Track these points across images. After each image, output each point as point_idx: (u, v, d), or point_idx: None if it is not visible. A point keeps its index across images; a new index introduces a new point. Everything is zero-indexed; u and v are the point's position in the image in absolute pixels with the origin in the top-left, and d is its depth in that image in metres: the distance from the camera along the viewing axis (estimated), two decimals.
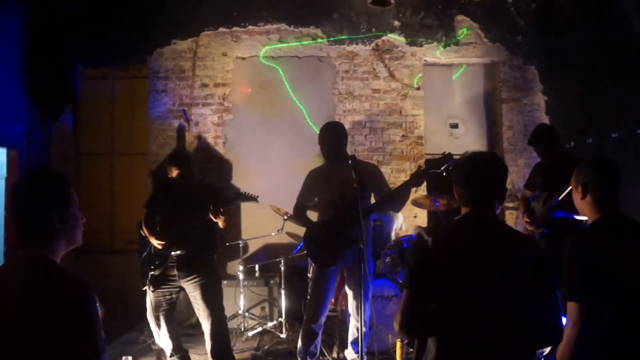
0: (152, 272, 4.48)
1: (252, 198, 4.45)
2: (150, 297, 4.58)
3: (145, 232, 4.59)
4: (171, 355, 4.71)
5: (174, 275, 4.48)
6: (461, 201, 2.24)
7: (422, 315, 2.09)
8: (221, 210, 4.25)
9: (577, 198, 2.55)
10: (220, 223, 4.32)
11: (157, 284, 4.51)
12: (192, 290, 4.47)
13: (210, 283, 4.47)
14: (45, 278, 1.86)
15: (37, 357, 1.83)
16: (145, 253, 4.66)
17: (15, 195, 2.02)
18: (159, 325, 4.61)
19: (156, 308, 4.57)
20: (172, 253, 4.44)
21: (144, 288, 4.59)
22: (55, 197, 2.03)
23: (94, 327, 1.87)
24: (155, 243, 4.48)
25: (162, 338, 4.66)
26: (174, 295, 4.61)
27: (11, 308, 1.83)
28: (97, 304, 1.96)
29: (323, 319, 4.55)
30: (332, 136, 4.50)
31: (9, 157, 6.20)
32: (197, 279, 4.43)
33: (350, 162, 4.00)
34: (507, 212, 7.12)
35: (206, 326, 4.47)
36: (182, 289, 4.57)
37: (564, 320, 2.27)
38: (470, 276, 2.05)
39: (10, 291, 1.85)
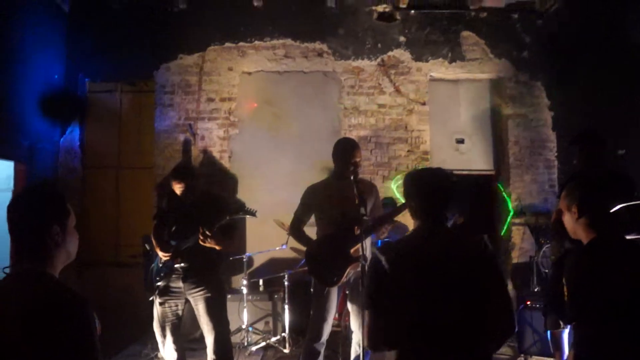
0: (158, 284, 4.48)
1: (250, 213, 4.42)
2: (156, 308, 4.58)
3: (153, 243, 4.60)
4: None
5: (180, 287, 4.47)
6: (411, 215, 2.37)
7: (386, 330, 2.20)
8: (207, 234, 4.25)
9: (569, 219, 2.50)
10: (211, 245, 4.31)
11: (163, 295, 4.51)
12: (197, 303, 4.45)
13: (215, 296, 4.44)
14: (45, 295, 1.84)
15: None
16: (153, 264, 4.66)
17: (15, 209, 2.02)
18: (164, 336, 4.59)
19: (162, 319, 4.57)
20: (176, 265, 4.44)
21: (150, 299, 4.59)
22: (56, 212, 2.03)
23: (92, 344, 1.86)
24: (161, 255, 4.49)
25: (166, 349, 4.64)
26: (180, 307, 4.60)
27: (10, 324, 1.82)
28: (96, 321, 1.95)
29: (325, 337, 4.48)
30: (345, 151, 4.42)
31: (16, 171, 6.24)
32: (202, 292, 4.41)
33: (352, 178, 3.99)
34: (513, 227, 7.07)
35: (209, 340, 4.44)
36: (187, 301, 4.56)
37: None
38: (422, 287, 2.17)
39: (9, 307, 1.84)
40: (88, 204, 7.34)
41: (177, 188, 4.44)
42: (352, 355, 4.69)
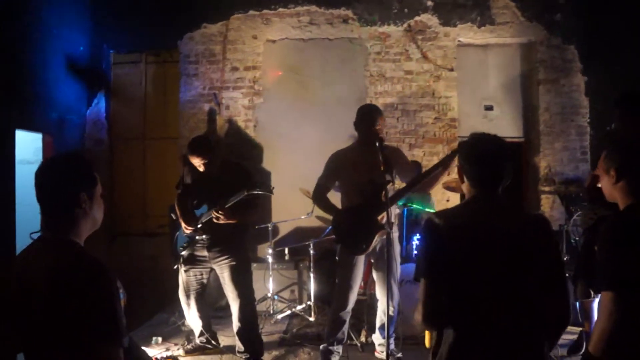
0: (182, 253, 4.52)
1: (267, 190, 4.37)
2: (181, 277, 4.63)
3: (177, 213, 4.62)
4: (200, 334, 4.74)
5: (205, 256, 4.49)
6: (469, 183, 2.23)
7: (443, 303, 2.06)
8: (219, 214, 4.23)
9: (607, 183, 2.39)
10: (226, 222, 4.30)
11: (187, 263, 4.55)
12: (222, 271, 4.48)
13: (240, 265, 4.45)
14: (70, 263, 1.86)
15: (59, 340, 1.84)
16: (177, 233, 4.69)
17: (43, 177, 2.02)
18: (189, 305, 4.65)
19: (187, 287, 4.62)
20: (197, 237, 4.46)
21: (175, 267, 4.64)
22: (84, 180, 2.03)
23: (116, 312, 1.86)
24: (184, 226, 4.51)
25: (191, 317, 4.70)
26: (204, 276, 4.64)
27: (36, 291, 1.85)
28: (121, 291, 1.95)
29: (351, 306, 4.48)
30: (367, 118, 4.37)
31: (44, 143, 6.30)
32: (227, 260, 4.43)
33: (377, 144, 3.92)
34: (543, 196, 6.92)
35: (234, 308, 4.48)
36: (212, 269, 4.58)
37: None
38: (481, 259, 2.05)
39: (35, 274, 1.86)
40: (115, 175, 7.41)
41: (195, 162, 4.41)
42: (377, 324, 4.68)
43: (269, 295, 5.93)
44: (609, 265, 2.20)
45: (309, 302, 5.84)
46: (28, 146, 6.14)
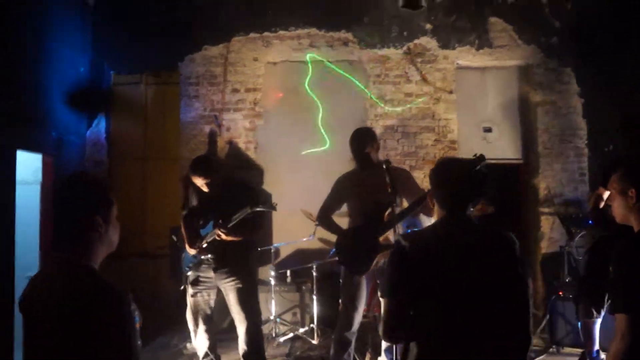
0: (188, 274, 4.51)
1: (270, 207, 4.39)
2: (189, 299, 4.61)
3: (183, 235, 4.62)
4: (205, 356, 4.70)
5: (210, 277, 4.48)
6: (438, 204, 2.32)
7: (402, 321, 2.18)
8: (221, 232, 4.26)
9: (622, 203, 2.41)
10: (231, 239, 4.31)
11: (194, 285, 4.54)
12: (228, 293, 4.46)
13: (246, 287, 4.44)
14: (82, 286, 1.84)
15: None
16: (183, 254, 4.68)
17: (59, 198, 2.01)
18: (197, 326, 4.62)
19: (194, 309, 4.60)
20: (202, 257, 4.45)
21: (182, 288, 4.63)
22: (100, 202, 2.02)
23: (131, 339, 1.85)
24: (188, 249, 4.50)
25: (198, 338, 4.67)
26: (212, 297, 4.62)
27: (47, 313, 1.82)
28: (136, 314, 1.93)
29: (356, 327, 4.49)
30: (357, 142, 4.48)
31: (44, 163, 6.26)
32: (233, 282, 4.42)
33: (384, 166, 3.95)
34: (542, 217, 6.95)
35: (241, 330, 4.45)
36: (219, 290, 4.57)
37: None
38: (445, 278, 2.13)
39: (49, 298, 1.84)
40: (114, 196, 7.35)
41: (198, 182, 4.43)
42: (383, 346, 4.67)
43: (271, 317, 5.90)
44: (622, 288, 2.22)
45: (311, 325, 5.82)
46: (27, 166, 6.11)
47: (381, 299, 2.36)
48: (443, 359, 2.14)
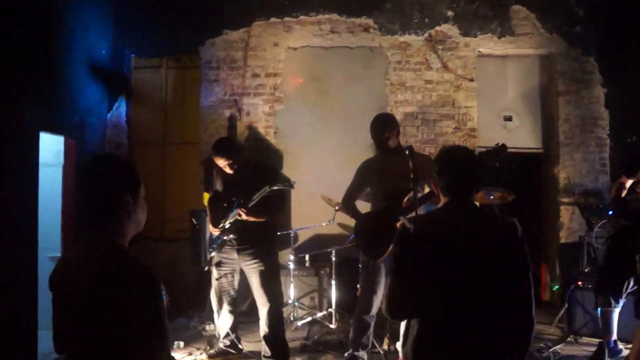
0: (211, 254, 4.57)
1: (287, 185, 4.38)
2: (214, 279, 4.67)
3: (208, 216, 4.68)
4: (226, 335, 4.76)
5: (234, 259, 4.54)
6: (440, 191, 2.42)
7: (405, 298, 2.26)
8: (242, 212, 4.30)
9: None
10: (253, 219, 4.36)
11: (218, 267, 4.60)
12: (251, 276, 4.52)
13: (269, 270, 4.49)
14: (117, 266, 1.87)
15: (104, 343, 1.85)
16: (207, 235, 4.74)
17: (89, 177, 2.03)
18: (221, 306, 4.69)
19: (219, 289, 4.66)
20: (225, 238, 4.50)
21: (206, 269, 4.69)
22: (130, 181, 2.04)
23: (160, 316, 1.89)
24: (211, 229, 4.55)
25: (221, 318, 4.73)
26: (236, 278, 4.69)
27: (82, 293, 1.85)
28: (163, 292, 1.96)
29: (375, 310, 4.53)
30: (377, 128, 4.50)
31: (67, 145, 6.32)
32: (256, 265, 4.47)
33: (407, 152, 3.96)
34: (562, 207, 6.92)
35: (262, 312, 4.50)
36: (242, 271, 4.63)
37: None
38: (448, 259, 2.22)
39: (81, 276, 1.86)
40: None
41: (220, 163, 4.47)
42: (402, 330, 4.69)
43: (290, 301, 5.95)
44: None
45: (329, 309, 5.85)
46: (48, 149, 6.16)
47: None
48: (443, 337, 2.22)
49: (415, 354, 2.27)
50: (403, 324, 4.46)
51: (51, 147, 6.21)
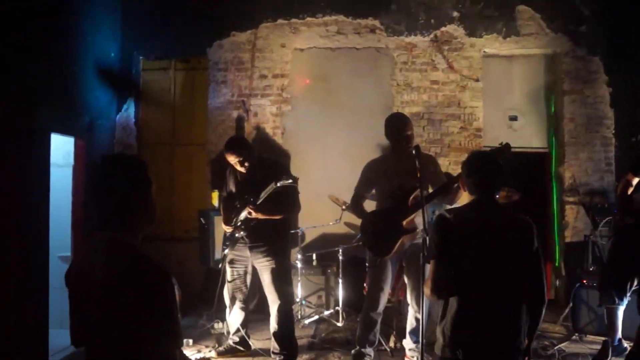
0: (225, 252, 4.64)
1: (291, 178, 4.40)
2: (228, 277, 4.74)
3: (221, 215, 4.76)
4: (236, 331, 4.82)
5: (246, 257, 4.61)
6: (469, 190, 2.80)
7: (447, 280, 2.64)
8: (251, 210, 4.36)
9: None
10: (264, 217, 4.43)
11: (231, 264, 4.67)
12: (262, 273, 4.59)
13: (280, 268, 4.56)
14: (132, 264, 1.93)
15: (120, 337, 1.92)
16: (223, 233, 4.82)
17: (101, 176, 2.08)
18: (233, 303, 4.76)
19: (233, 286, 4.73)
20: (237, 235, 4.56)
21: (220, 266, 4.77)
22: (141, 180, 2.09)
23: (175, 309, 1.95)
24: (224, 227, 4.63)
25: (233, 314, 4.80)
26: (248, 275, 4.74)
27: (98, 290, 1.91)
28: (175, 287, 2.03)
29: (382, 308, 4.59)
30: (400, 126, 4.52)
31: (77, 146, 6.39)
32: (268, 263, 4.53)
33: (414, 152, 4.01)
34: (567, 206, 6.95)
35: (273, 309, 4.57)
36: (255, 268, 4.69)
37: None
38: (481, 246, 2.63)
39: (97, 274, 1.93)
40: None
41: (231, 160, 4.54)
42: (408, 328, 4.75)
43: (297, 300, 6.01)
44: None
45: (336, 308, 5.91)
46: (58, 149, 6.24)
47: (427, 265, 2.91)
48: (478, 311, 2.61)
49: (454, 327, 2.63)
50: (410, 315, 4.56)
51: (61, 147, 6.29)
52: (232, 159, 4.53)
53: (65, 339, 2.12)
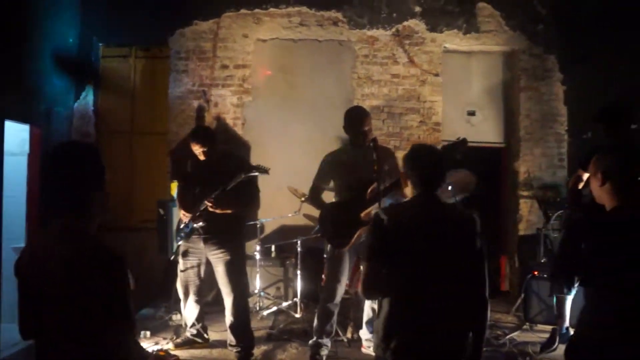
0: (179, 243, 4.61)
1: (262, 170, 4.45)
2: (180, 268, 4.72)
3: (177, 204, 4.73)
4: (192, 325, 4.83)
5: (200, 248, 4.59)
6: (412, 184, 2.68)
7: (379, 280, 2.54)
8: (210, 202, 4.37)
9: (595, 185, 2.60)
10: (222, 211, 4.42)
11: (185, 257, 4.65)
12: (217, 265, 4.58)
13: (235, 259, 4.56)
14: (87, 252, 1.95)
15: (74, 326, 1.93)
16: (177, 224, 4.79)
17: (56, 165, 2.08)
18: (187, 295, 4.74)
19: (185, 279, 4.71)
20: (195, 225, 4.55)
21: (172, 258, 4.74)
22: (95, 167, 2.09)
23: (126, 296, 1.98)
24: (182, 214, 4.61)
25: (187, 308, 4.79)
26: (202, 268, 4.74)
27: (53, 279, 1.92)
28: (130, 275, 2.05)
29: (339, 299, 4.64)
30: (359, 121, 4.54)
31: (32, 134, 6.27)
32: (222, 254, 4.53)
33: (371, 144, 4.07)
34: (521, 200, 7.14)
35: (228, 302, 4.57)
36: (209, 261, 4.68)
37: None
38: (417, 245, 2.50)
39: (52, 263, 1.94)
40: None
41: (197, 150, 4.53)
42: (364, 319, 4.84)
43: (256, 291, 6.03)
44: (588, 263, 2.50)
45: (295, 299, 5.96)
46: (13, 137, 6.11)
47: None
48: (410, 313, 2.50)
49: (385, 328, 2.52)
50: (367, 306, 4.64)
51: (16, 135, 6.15)
52: (197, 149, 4.52)
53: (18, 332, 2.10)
